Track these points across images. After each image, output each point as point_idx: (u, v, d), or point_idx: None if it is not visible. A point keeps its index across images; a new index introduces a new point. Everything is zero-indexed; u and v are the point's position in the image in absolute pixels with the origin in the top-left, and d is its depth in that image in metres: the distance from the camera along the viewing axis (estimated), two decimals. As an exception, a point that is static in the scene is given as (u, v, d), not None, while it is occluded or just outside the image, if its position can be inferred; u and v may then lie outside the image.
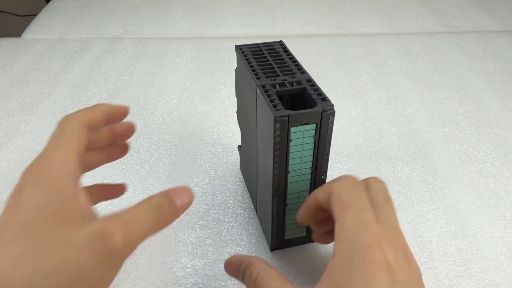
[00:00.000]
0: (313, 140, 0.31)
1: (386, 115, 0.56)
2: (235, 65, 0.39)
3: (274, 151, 0.30)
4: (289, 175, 0.32)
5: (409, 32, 0.79)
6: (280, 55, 0.37)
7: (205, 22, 0.83)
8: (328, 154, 0.32)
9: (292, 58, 0.36)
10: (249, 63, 0.35)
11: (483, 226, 0.41)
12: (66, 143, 0.26)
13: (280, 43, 0.39)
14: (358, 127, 0.54)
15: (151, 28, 0.81)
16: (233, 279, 0.35)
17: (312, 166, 0.32)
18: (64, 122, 0.27)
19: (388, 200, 0.29)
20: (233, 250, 0.38)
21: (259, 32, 0.79)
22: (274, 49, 0.38)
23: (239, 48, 0.38)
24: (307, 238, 0.38)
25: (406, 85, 0.62)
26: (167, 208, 0.26)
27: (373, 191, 0.29)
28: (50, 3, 0.94)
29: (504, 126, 0.54)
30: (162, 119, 0.55)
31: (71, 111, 0.48)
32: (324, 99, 0.30)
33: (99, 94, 0.60)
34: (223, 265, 0.32)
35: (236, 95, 0.41)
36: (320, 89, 0.31)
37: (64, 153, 0.25)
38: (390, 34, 0.78)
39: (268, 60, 0.36)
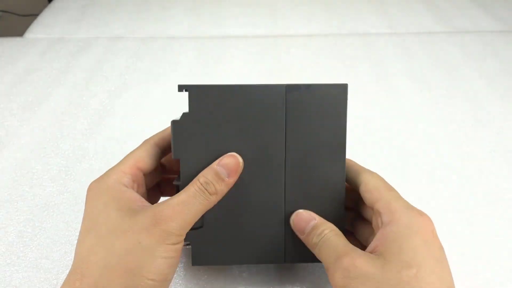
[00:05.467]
0: None
1: (385, 115, 0.56)
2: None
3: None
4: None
5: (409, 32, 0.79)
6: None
7: (206, 21, 0.83)
8: None
9: None
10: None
11: (483, 225, 0.41)
12: (128, 159, 0.31)
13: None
14: (358, 127, 0.54)
15: (152, 27, 0.81)
16: (236, 278, 0.36)
17: None
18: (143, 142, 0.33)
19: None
20: (234, 249, 0.38)
21: (260, 32, 0.80)
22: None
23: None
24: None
25: (406, 85, 0.63)
26: (214, 185, 0.29)
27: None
28: (52, 2, 0.94)
29: (503, 125, 0.54)
30: (163, 119, 0.55)
31: (73, 111, 0.48)
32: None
33: (101, 93, 0.61)
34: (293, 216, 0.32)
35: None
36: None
37: (123, 167, 0.31)
38: (390, 34, 0.78)
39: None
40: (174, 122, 0.31)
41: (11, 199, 0.44)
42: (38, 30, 0.81)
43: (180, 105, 0.59)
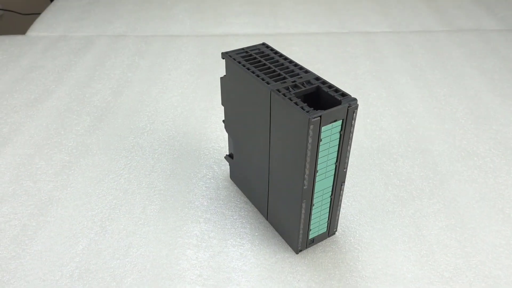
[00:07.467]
0: (339, 136, 0.31)
1: (386, 112, 0.57)
2: None
3: (306, 152, 0.30)
4: (317, 174, 0.32)
5: (409, 30, 0.80)
6: (273, 57, 0.37)
7: (208, 20, 0.84)
8: (350, 146, 0.33)
9: (286, 58, 0.36)
10: (248, 69, 0.34)
11: (482, 220, 0.41)
12: None
13: (265, 45, 0.38)
14: (359, 124, 0.54)
15: (154, 26, 0.82)
16: (237, 271, 0.36)
17: (337, 161, 0.33)
18: None
19: None
20: (236, 243, 0.38)
21: (261, 30, 0.80)
22: (262, 52, 0.37)
23: (228, 55, 0.37)
24: (327, 233, 0.38)
25: (407, 83, 0.63)
26: None
27: None
28: (54, 1, 0.94)
29: (503, 123, 0.55)
30: (166, 115, 0.56)
31: (76, 107, 0.48)
32: (344, 94, 0.31)
33: (103, 91, 0.61)
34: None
35: (223, 103, 0.40)
36: (335, 85, 0.32)
37: None
38: (391, 32, 0.78)
39: (264, 64, 0.35)
40: (221, 78, 0.39)
41: (15, 194, 0.44)
42: (40, 28, 0.82)
43: (182, 101, 0.59)
